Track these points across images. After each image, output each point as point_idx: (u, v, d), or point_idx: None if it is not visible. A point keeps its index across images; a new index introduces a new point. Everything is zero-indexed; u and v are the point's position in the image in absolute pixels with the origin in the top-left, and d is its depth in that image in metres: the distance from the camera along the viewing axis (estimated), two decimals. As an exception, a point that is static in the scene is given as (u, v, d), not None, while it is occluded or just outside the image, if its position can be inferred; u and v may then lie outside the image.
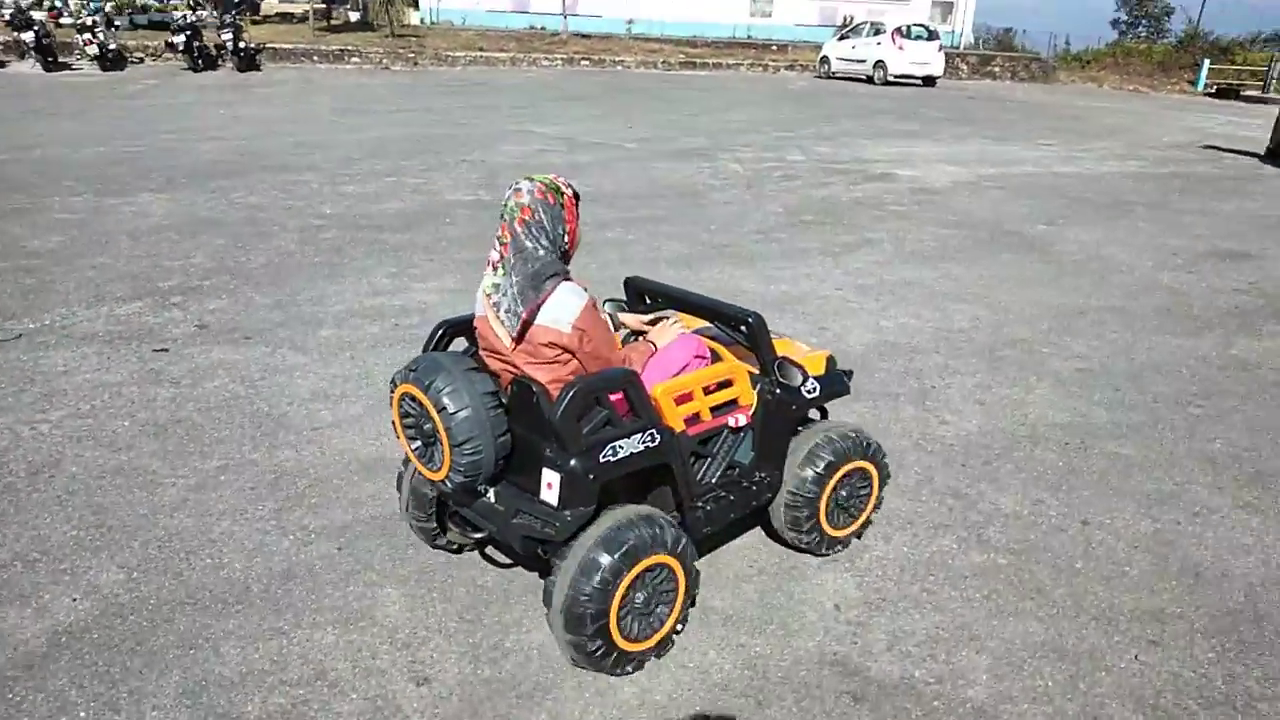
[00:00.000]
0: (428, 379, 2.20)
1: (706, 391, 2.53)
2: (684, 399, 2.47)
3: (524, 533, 2.28)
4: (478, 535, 2.65)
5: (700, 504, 2.55)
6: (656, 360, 2.57)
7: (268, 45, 20.69)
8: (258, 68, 19.61)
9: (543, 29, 26.87)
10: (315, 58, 21.27)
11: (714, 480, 2.59)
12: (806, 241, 6.80)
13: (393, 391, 2.34)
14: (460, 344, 2.54)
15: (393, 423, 2.40)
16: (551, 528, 2.21)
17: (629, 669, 2.34)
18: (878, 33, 23.28)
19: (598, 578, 2.19)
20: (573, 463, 2.17)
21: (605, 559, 2.19)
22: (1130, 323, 5.19)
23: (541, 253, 2.23)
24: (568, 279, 2.27)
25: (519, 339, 2.24)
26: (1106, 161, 11.01)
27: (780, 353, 2.71)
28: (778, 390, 2.65)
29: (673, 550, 2.32)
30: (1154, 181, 9.72)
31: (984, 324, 5.08)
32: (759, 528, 2.99)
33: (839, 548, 2.88)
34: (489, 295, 2.27)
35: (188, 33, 18.34)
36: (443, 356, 2.30)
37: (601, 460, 2.21)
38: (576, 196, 2.33)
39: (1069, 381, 4.30)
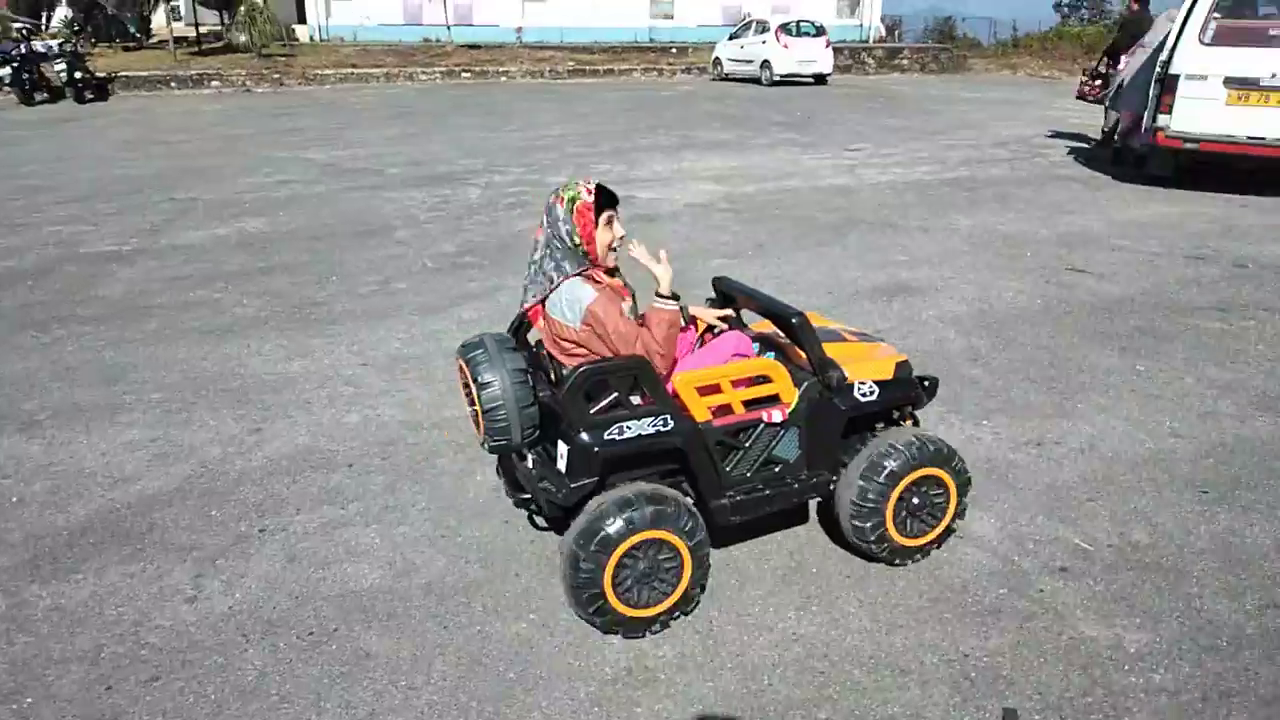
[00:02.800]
0: (470, 354, 2.48)
1: (737, 385, 2.59)
2: (709, 390, 2.56)
3: (546, 496, 2.50)
4: (525, 496, 2.77)
5: (729, 494, 2.61)
6: (699, 355, 2.77)
7: (119, 74, 19.66)
8: (104, 98, 18.57)
9: (437, 41, 25.81)
10: (173, 84, 20.25)
11: (747, 473, 2.65)
12: (425, 295, 5.78)
13: (455, 364, 2.61)
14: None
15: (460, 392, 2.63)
16: (559, 495, 2.43)
17: (597, 621, 2.47)
18: (763, 31, 22.23)
19: (599, 537, 2.35)
20: (579, 437, 2.37)
21: (611, 520, 2.36)
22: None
23: (554, 251, 2.49)
24: (577, 275, 2.48)
25: (530, 315, 2.61)
26: (894, 169, 9.96)
27: (837, 353, 2.71)
28: (823, 389, 2.66)
29: (681, 531, 2.44)
30: (919, 191, 8.68)
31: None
32: (828, 536, 2.97)
33: (916, 556, 2.81)
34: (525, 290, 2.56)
35: (15, 64, 17.28)
36: (488, 336, 2.54)
37: (607, 437, 2.38)
38: (608, 202, 2.53)
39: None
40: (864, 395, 2.69)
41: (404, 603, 2.74)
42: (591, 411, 2.42)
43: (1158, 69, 8.29)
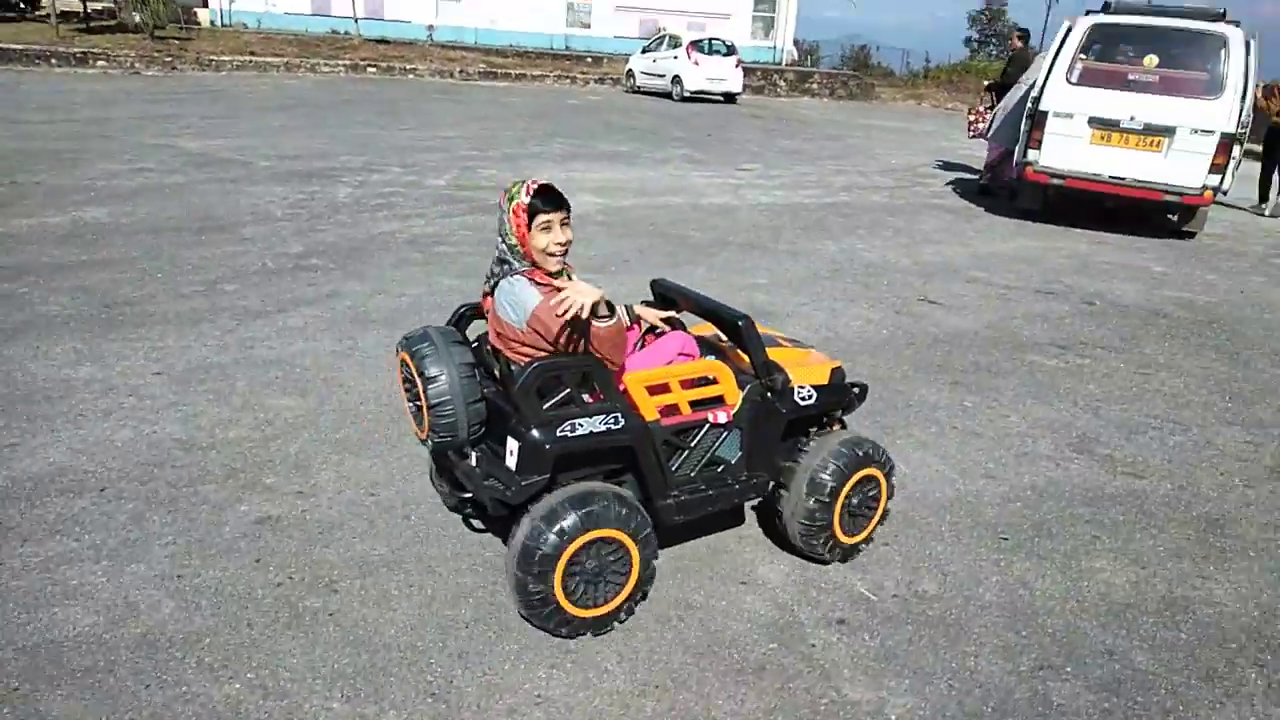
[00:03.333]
0: (415, 346, 2.45)
1: (685, 385, 2.59)
2: (659, 389, 2.55)
3: (492, 494, 2.39)
4: (465, 495, 2.61)
5: (675, 494, 2.61)
6: (645, 354, 2.74)
7: (-8, 45, 18.40)
8: (-29, 69, 17.33)
9: (345, 34, 25.03)
10: (53, 60, 19.05)
11: (692, 473, 2.66)
12: (251, 299, 5.37)
13: (397, 357, 2.56)
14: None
15: (399, 387, 2.66)
16: (509, 491, 2.34)
17: (564, 631, 2.44)
18: (676, 46, 22.22)
19: (546, 544, 2.30)
20: (532, 433, 2.32)
21: (561, 518, 2.32)
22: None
23: (501, 246, 2.53)
24: (518, 274, 2.47)
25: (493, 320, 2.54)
26: (778, 191, 9.92)
27: (775, 358, 2.74)
28: (766, 392, 2.69)
29: (631, 531, 2.42)
30: (795, 214, 8.63)
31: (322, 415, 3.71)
32: (769, 540, 3.01)
33: (854, 554, 2.91)
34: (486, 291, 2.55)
35: None
36: (433, 329, 2.51)
37: (559, 434, 2.34)
38: (551, 205, 2.50)
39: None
40: (803, 399, 2.77)
41: (108, 656, 2.39)
42: (544, 408, 2.37)
43: (1029, 105, 8.43)
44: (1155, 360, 4.99)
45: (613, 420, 2.40)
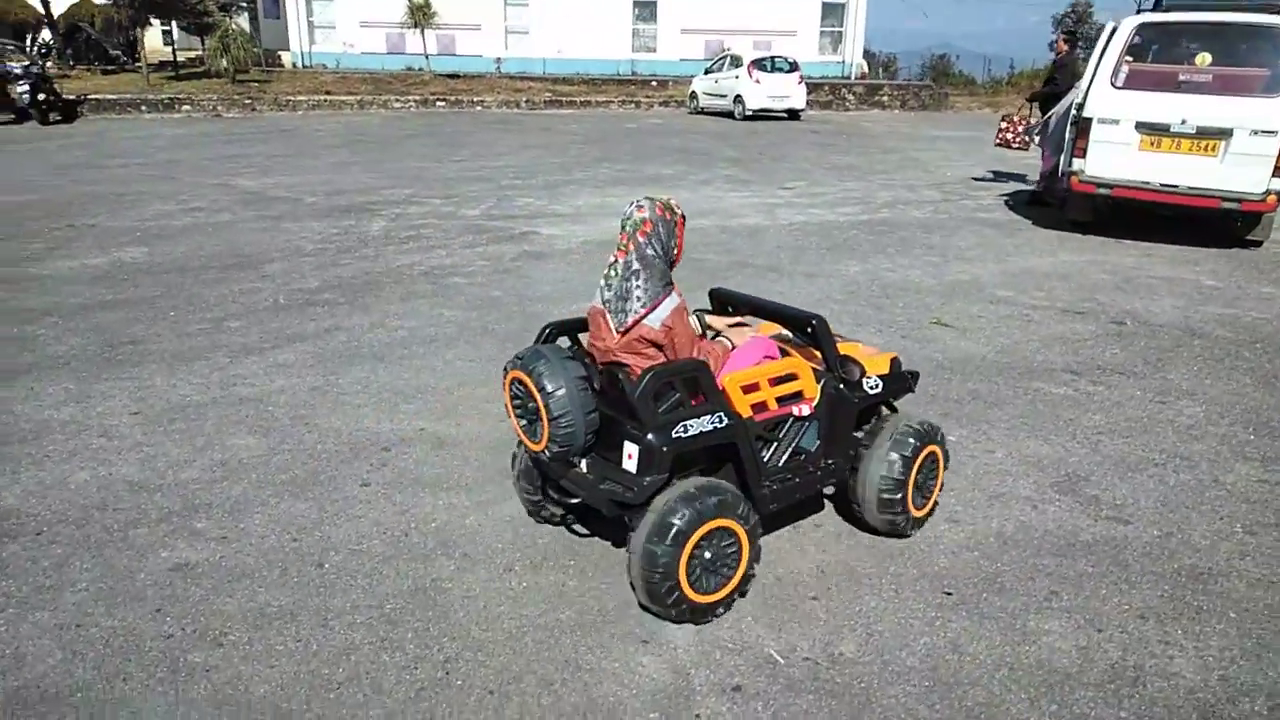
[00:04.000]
0: (531, 364, 2.60)
1: (772, 383, 2.79)
2: (750, 389, 2.74)
3: (610, 497, 2.57)
4: (573, 501, 2.86)
5: (767, 483, 2.80)
6: (734, 358, 2.89)
7: (89, 97, 19.57)
8: (71, 119, 18.47)
9: (419, 70, 25.74)
10: (144, 107, 20.14)
11: (780, 463, 2.87)
12: (252, 336, 5.44)
13: (504, 378, 2.72)
14: (563, 342, 2.90)
15: (505, 405, 2.77)
16: (631, 492, 2.52)
17: (691, 618, 2.58)
18: (737, 65, 22.05)
19: (673, 530, 2.47)
20: (649, 436, 2.50)
21: (681, 513, 2.48)
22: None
23: (659, 261, 2.65)
24: (674, 285, 2.69)
25: (625, 332, 2.62)
26: (814, 210, 9.62)
27: (844, 352, 3.01)
28: (840, 385, 2.93)
29: (740, 518, 2.59)
30: (825, 234, 8.33)
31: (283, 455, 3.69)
32: (840, 517, 3.23)
33: (919, 527, 3.13)
34: (603, 291, 2.67)
35: (-19, 85, 17.19)
36: (544, 348, 2.69)
37: (674, 435, 2.52)
38: (684, 218, 2.76)
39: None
40: (872, 389, 3.05)
41: (-25, 713, 2.36)
42: (660, 411, 2.56)
43: (1072, 112, 7.95)
44: (1177, 386, 4.56)
45: (717, 420, 2.61)
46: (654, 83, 26.50)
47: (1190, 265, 7.18)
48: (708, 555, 2.56)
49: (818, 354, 3.02)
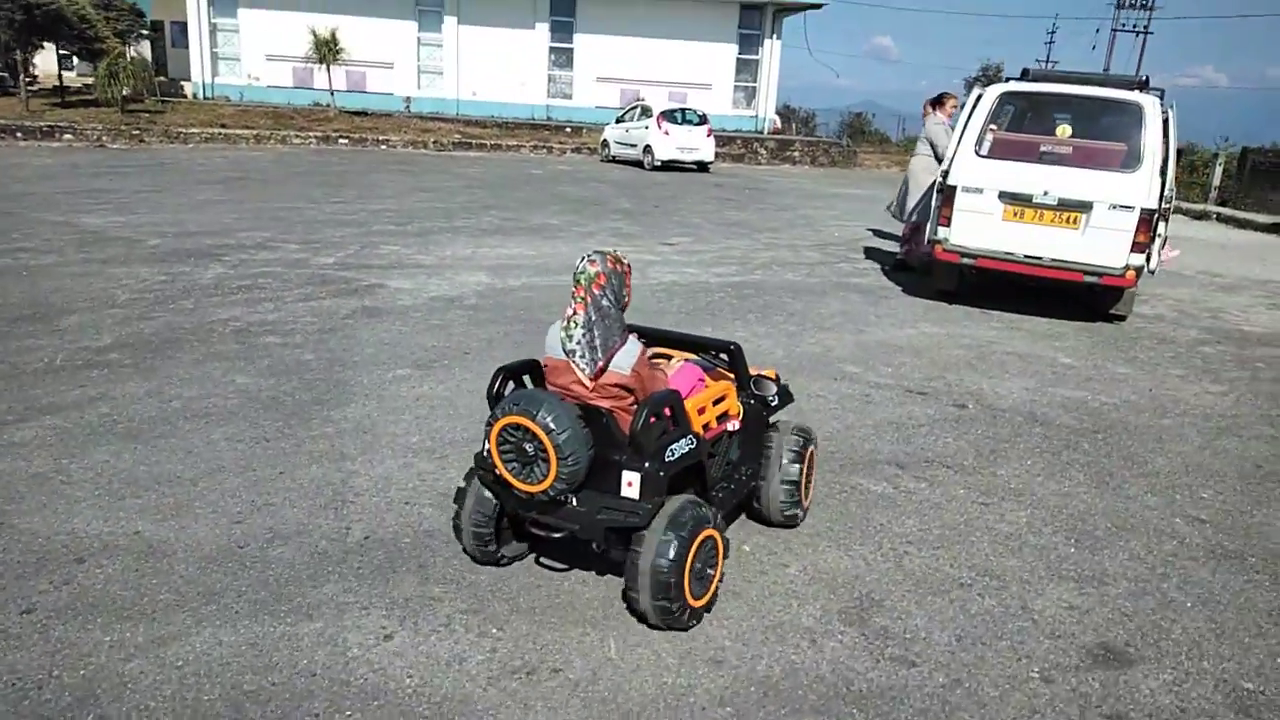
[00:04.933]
0: (534, 409, 2.71)
1: (713, 404, 3.18)
2: (700, 411, 3.10)
3: (608, 525, 2.80)
4: (556, 536, 2.97)
5: (714, 494, 3.17)
6: (671, 383, 3.16)
7: (-46, 120, 18.35)
8: (-68, 143, 17.22)
9: (329, 106, 24.98)
10: (19, 134, 18.97)
11: (718, 475, 3.25)
12: (-20, 403, 4.71)
13: (490, 426, 2.82)
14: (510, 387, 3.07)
15: (487, 454, 2.89)
16: (635, 517, 2.76)
17: (693, 622, 2.88)
18: (647, 115, 21.92)
19: (673, 550, 2.71)
20: (648, 464, 2.75)
21: (680, 534, 2.73)
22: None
23: (614, 310, 2.88)
24: (630, 332, 2.99)
25: (596, 378, 2.86)
26: (689, 269, 9.25)
27: (754, 373, 3.54)
28: (752, 401, 3.44)
29: (716, 525, 2.92)
30: (689, 297, 7.94)
31: None
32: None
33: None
34: (565, 343, 2.86)
35: None
36: (537, 392, 2.92)
37: (666, 460, 2.80)
38: (630, 268, 3.01)
39: None
40: (774, 402, 3.56)
41: None
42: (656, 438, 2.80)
43: (938, 179, 7.75)
44: (1005, 485, 4.19)
45: (690, 442, 2.92)
46: (568, 129, 26.25)
47: (1050, 341, 6.96)
48: (697, 565, 2.82)
49: (728, 375, 3.45)
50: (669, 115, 21.55)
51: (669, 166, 21.31)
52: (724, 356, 3.48)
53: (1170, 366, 6.43)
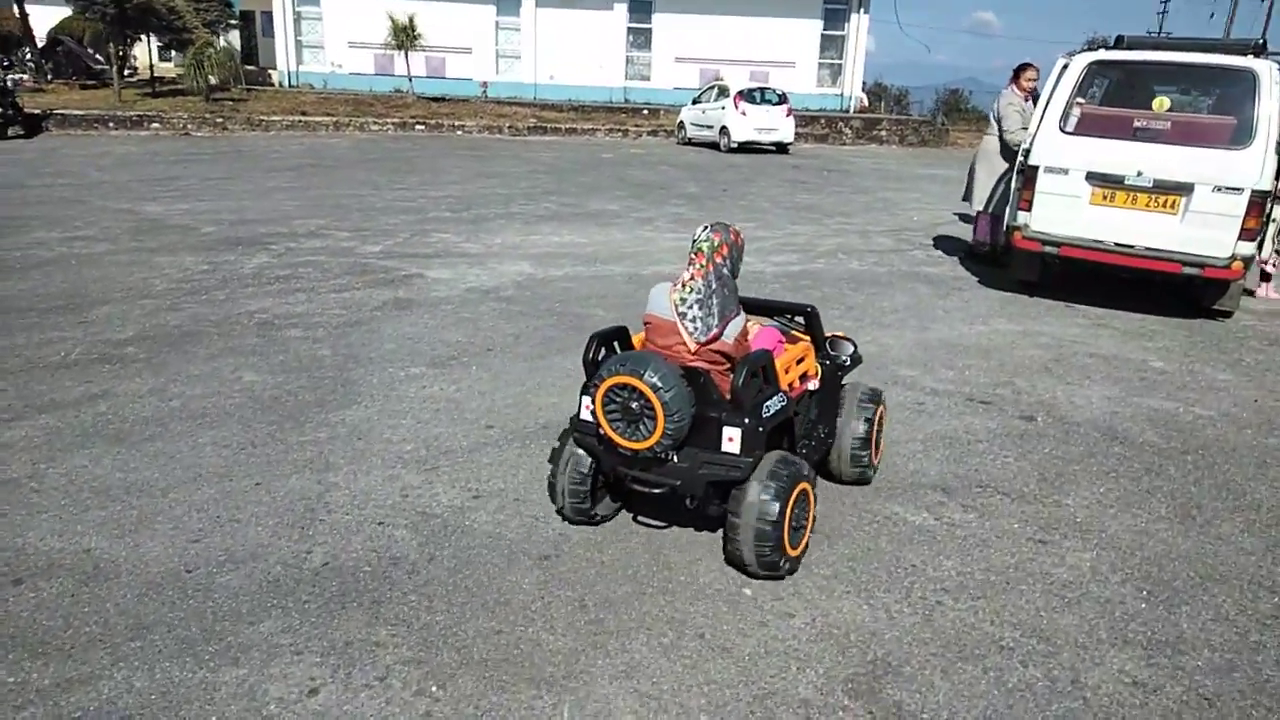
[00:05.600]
0: (641, 369, 2.82)
1: (796, 364, 3.33)
2: (785, 371, 3.20)
3: (710, 479, 2.93)
4: (656, 492, 3.05)
5: (799, 450, 3.28)
6: (756, 343, 3.25)
7: (55, 112, 19.04)
8: (32, 134, 17.91)
9: (407, 92, 25.13)
10: (111, 124, 19.60)
11: (801, 433, 3.35)
12: (-20, 400, 4.58)
13: (595, 388, 2.92)
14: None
15: (592, 415, 3.00)
16: (736, 470, 2.89)
17: (791, 571, 3.00)
18: (724, 96, 21.26)
19: (774, 502, 2.83)
20: (748, 420, 2.87)
21: (780, 486, 2.86)
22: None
23: (732, 281, 3.06)
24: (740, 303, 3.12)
25: (704, 344, 2.97)
26: (748, 257, 8.68)
27: (829, 335, 3.64)
28: (828, 361, 3.55)
29: (808, 478, 3.03)
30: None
31: None
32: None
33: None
34: (678, 305, 2.97)
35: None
36: (643, 353, 2.98)
37: (763, 416, 2.92)
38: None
39: None
40: (848, 364, 3.64)
41: None
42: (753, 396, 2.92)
43: (1019, 159, 7.00)
44: (1071, 518, 3.57)
45: (782, 399, 3.03)
46: (645, 111, 25.77)
47: (1141, 340, 6.19)
48: (794, 516, 2.93)
49: (802, 337, 3.53)
50: (746, 95, 20.85)
51: (746, 148, 20.63)
52: (800, 320, 3.57)
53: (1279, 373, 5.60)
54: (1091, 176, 6.57)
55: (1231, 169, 6.13)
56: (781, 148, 21.36)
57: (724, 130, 20.88)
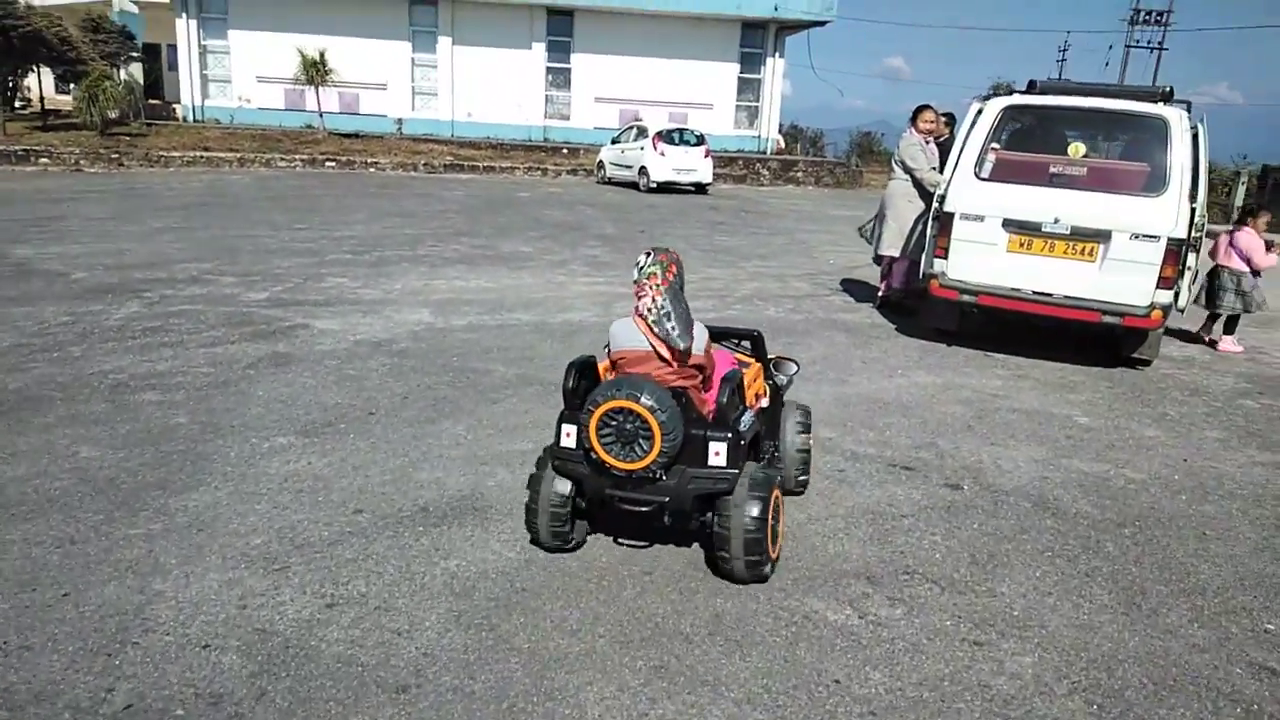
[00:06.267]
0: (638, 393, 2.95)
1: (751, 383, 3.56)
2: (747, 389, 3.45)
3: (698, 492, 3.10)
4: (644, 510, 3.12)
5: (761, 460, 3.53)
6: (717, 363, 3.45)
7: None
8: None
9: (318, 128, 24.27)
10: (-7, 157, 18.29)
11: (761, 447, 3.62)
12: None
13: (589, 414, 3.01)
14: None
15: (576, 441, 3.13)
16: (724, 482, 3.06)
17: (770, 573, 3.19)
18: (642, 136, 21.08)
19: (758, 510, 3.03)
20: (730, 434, 3.07)
21: (762, 495, 3.06)
22: None
23: (681, 300, 3.16)
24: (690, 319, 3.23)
25: (680, 361, 3.13)
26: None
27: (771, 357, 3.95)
28: (771, 381, 3.86)
29: (779, 485, 3.25)
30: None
31: None
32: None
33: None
34: (653, 327, 3.10)
35: None
36: (635, 378, 3.07)
37: (741, 430, 3.15)
38: None
39: None
40: (789, 383, 4.04)
41: None
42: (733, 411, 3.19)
43: (934, 204, 6.78)
44: (1008, 611, 3.18)
45: (751, 415, 3.35)
46: (565, 150, 25.47)
47: (1064, 393, 5.95)
48: (773, 521, 3.13)
49: (748, 360, 3.77)
50: (665, 136, 20.71)
51: (666, 189, 20.46)
52: (746, 344, 3.85)
53: (1206, 426, 5.41)
54: (1008, 223, 6.38)
55: (1147, 216, 6.00)
56: (700, 188, 21.28)
57: (643, 170, 20.69)
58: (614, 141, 22.52)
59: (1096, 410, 5.60)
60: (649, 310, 3.09)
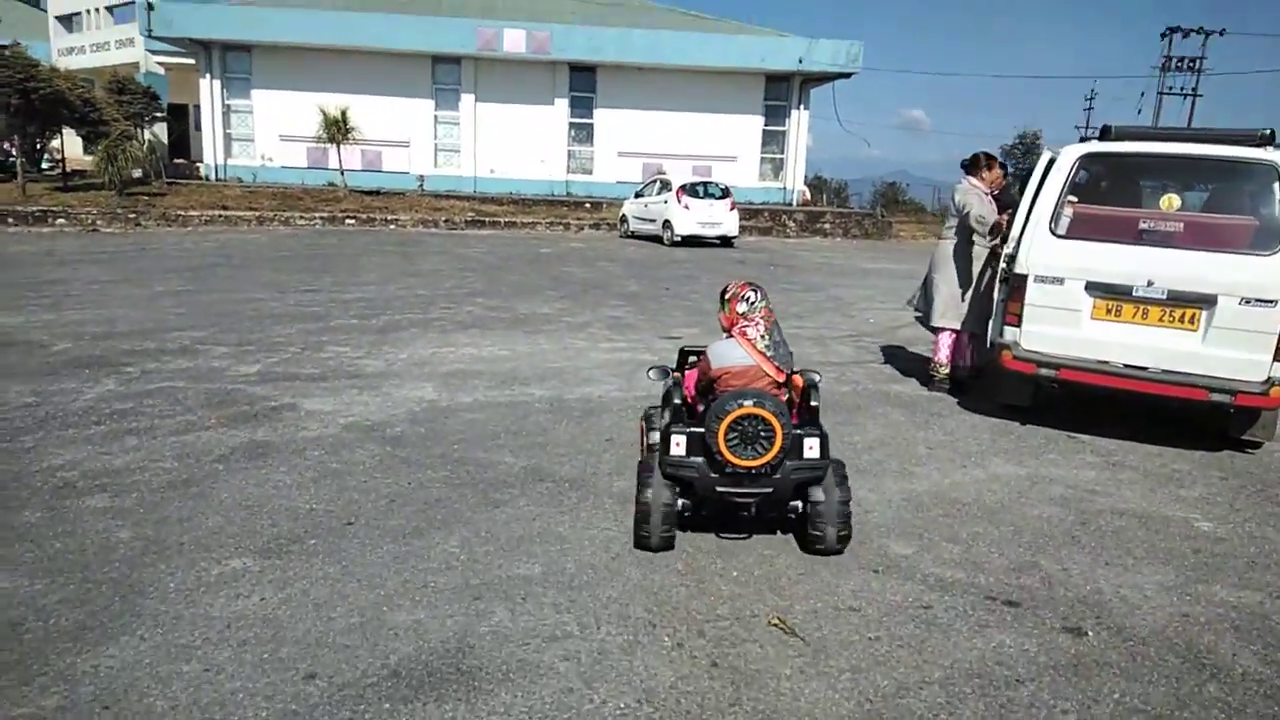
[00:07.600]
0: (764, 401, 3.53)
1: None
2: None
3: (799, 481, 3.67)
4: (757, 493, 3.68)
5: None
6: None
7: (-56, 206, 17.42)
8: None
9: (340, 185, 23.94)
10: (10, 220, 18.02)
11: None
12: None
13: (719, 420, 3.54)
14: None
15: (689, 449, 3.66)
16: (819, 471, 3.67)
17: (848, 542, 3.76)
18: (666, 189, 20.48)
19: (846, 490, 3.71)
20: (821, 432, 3.69)
21: (844, 477, 3.76)
22: None
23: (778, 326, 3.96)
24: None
25: (787, 376, 3.90)
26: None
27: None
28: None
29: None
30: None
31: None
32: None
33: None
34: (766, 350, 3.83)
35: None
36: (754, 390, 3.65)
37: (823, 428, 3.73)
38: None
39: None
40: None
41: None
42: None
43: (1002, 266, 5.91)
44: None
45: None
46: (587, 204, 24.96)
47: (1172, 487, 4.99)
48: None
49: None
50: (689, 189, 20.12)
51: (690, 242, 19.79)
52: None
53: (1357, 532, 4.42)
54: (1092, 287, 5.50)
55: (1259, 277, 5.09)
56: (726, 241, 20.61)
57: (667, 224, 20.07)
58: (637, 195, 21.97)
59: (1217, 511, 4.63)
60: (762, 337, 3.84)
